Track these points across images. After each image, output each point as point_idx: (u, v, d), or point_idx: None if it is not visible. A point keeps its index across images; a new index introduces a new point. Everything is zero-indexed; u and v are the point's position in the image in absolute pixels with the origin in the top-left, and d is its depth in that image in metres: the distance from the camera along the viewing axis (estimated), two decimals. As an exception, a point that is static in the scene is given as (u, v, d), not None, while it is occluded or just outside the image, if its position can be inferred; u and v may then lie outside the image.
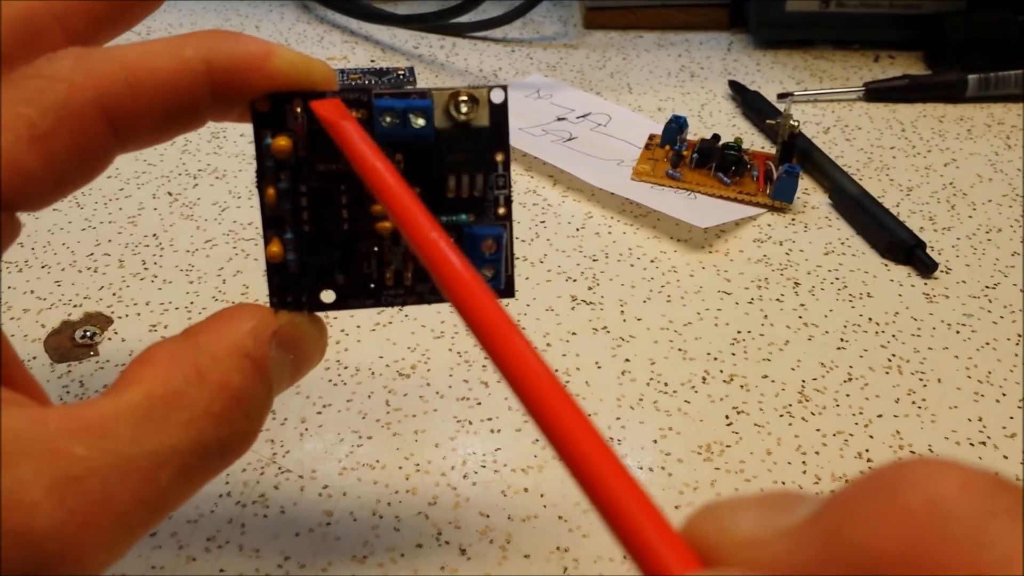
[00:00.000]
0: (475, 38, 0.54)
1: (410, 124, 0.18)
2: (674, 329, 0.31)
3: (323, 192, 0.18)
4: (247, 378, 0.16)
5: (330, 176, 0.18)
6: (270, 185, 0.18)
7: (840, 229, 0.37)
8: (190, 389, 0.15)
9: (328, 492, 0.25)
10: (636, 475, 0.25)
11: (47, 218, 0.36)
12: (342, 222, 0.18)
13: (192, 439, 0.15)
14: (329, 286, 0.19)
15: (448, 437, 0.27)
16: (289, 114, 0.18)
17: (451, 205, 0.19)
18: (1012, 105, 0.46)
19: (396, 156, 0.18)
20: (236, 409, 0.16)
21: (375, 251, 0.19)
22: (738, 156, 0.38)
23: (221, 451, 0.16)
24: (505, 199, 0.19)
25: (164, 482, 0.15)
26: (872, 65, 0.51)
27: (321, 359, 0.19)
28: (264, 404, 0.17)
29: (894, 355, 0.30)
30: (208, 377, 0.16)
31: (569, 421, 0.13)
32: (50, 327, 0.31)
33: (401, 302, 0.19)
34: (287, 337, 0.18)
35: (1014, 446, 0.27)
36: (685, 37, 0.55)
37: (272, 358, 0.17)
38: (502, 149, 0.19)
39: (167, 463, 0.15)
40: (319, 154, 0.18)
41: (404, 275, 0.19)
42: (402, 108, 0.18)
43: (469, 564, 0.23)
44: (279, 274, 0.18)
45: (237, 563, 0.23)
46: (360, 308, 0.19)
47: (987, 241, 0.36)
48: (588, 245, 0.35)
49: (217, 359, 0.16)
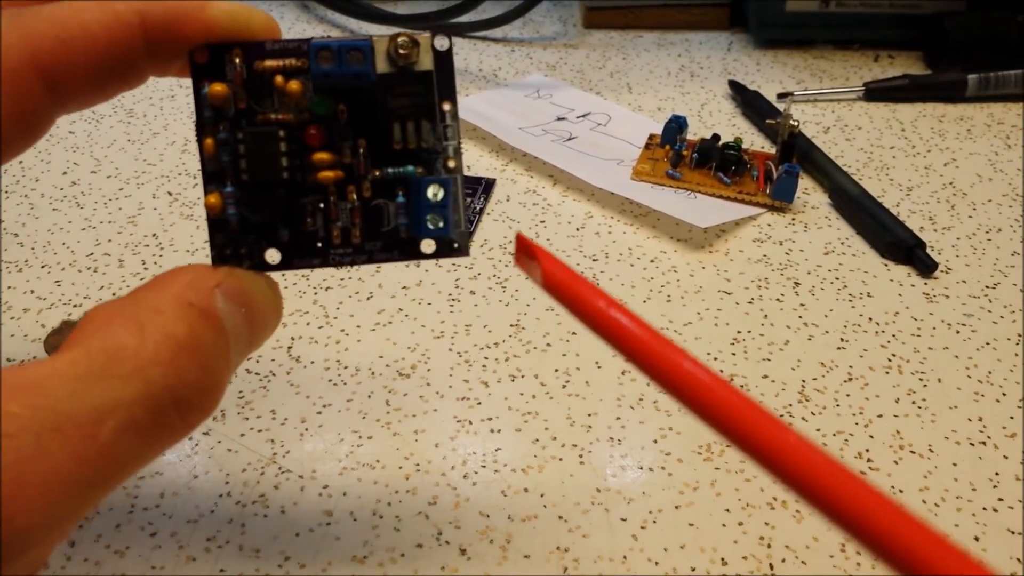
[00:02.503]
0: (475, 38, 0.54)
1: (347, 63, 0.17)
2: (674, 329, 0.31)
3: (259, 139, 0.18)
4: (194, 327, 0.16)
5: (268, 125, 0.18)
6: (208, 136, 0.18)
7: (840, 229, 0.37)
8: (131, 340, 0.15)
9: (328, 492, 0.25)
10: (647, 476, 0.25)
11: (47, 218, 0.36)
12: (281, 171, 0.18)
13: (137, 390, 0.15)
14: (274, 245, 0.18)
15: (448, 437, 0.27)
16: (228, 64, 0.18)
17: (398, 157, 0.18)
18: (1012, 105, 0.46)
19: (339, 106, 0.18)
20: (185, 358, 0.15)
21: (320, 207, 0.18)
22: (738, 156, 0.38)
23: (176, 404, 0.15)
24: (454, 150, 0.18)
25: (106, 437, 0.14)
26: (872, 65, 0.51)
27: (279, 318, 0.18)
28: (220, 355, 0.16)
29: (894, 355, 0.30)
30: (149, 328, 0.15)
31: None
32: (50, 327, 0.30)
33: (350, 261, 0.18)
34: (233, 289, 0.17)
35: (1014, 446, 0.27)
36: (685, 37, 0.55)
37: (221, 309, 0.16)
38: (449, 98, 0.18)
39: (109, 417, 0.14)
40: (260, 104, 0.18)
41: (352, 232, 0.18)
42: (338, 47, 0.17)
43: (469, 564, 0.23)
44: (221, 230, 0.18)
45: (237, 563, 0.23)
46: (307, 268, 0.18)
47: (987, 241, 0.36)
48: (588, 245, 0.35)
49: (158, 310, 0.16)
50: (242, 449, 0.26)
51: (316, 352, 0.30)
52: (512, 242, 0.35)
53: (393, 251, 0.18)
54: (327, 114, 0.18)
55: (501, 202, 0.38)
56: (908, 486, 0.25)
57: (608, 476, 0.25)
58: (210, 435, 0.27)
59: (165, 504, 0.25)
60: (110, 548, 0.23)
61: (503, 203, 0.38)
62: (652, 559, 0.23)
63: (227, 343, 0.16)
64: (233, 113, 0.18)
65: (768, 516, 0.24)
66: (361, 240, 0.18)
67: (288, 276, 0.33)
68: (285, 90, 0.18)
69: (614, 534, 0.24)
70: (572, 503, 0.25)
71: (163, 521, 0.24)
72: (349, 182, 0.18)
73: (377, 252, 0.18)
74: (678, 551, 0.23)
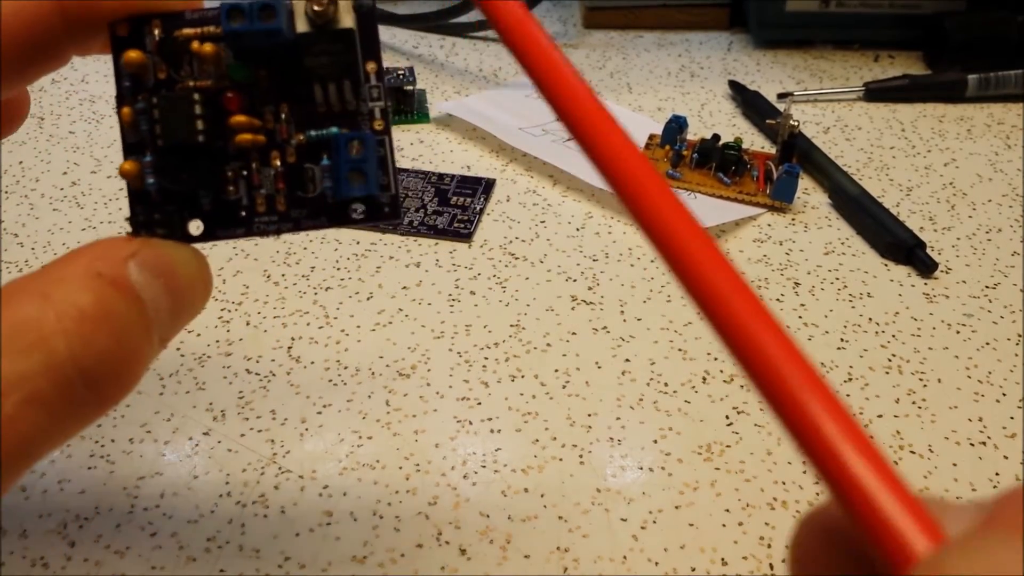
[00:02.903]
0: (475, 38, 0.54)
1: (259, 20, 0.17)
2: (674, 329, 0.31)
3: (173, 102, 0.17)
4: (102, 296, 0.15)
5: (183, 89, 0.17)
6: (126, 105, 0.17)
7: (840, 229, 0.37)
8: (33, 311, 0.14)
9: (328, 492, 0.25)
10: (647, 476, 0.25)
11: (47, 218, 0.36)
12: (196, 134, 0.17)
13: (39, 362, 0.14)
14: (196, 216, 0.18)
15: (448, 437, 0.27)
16: (148, 36, 0.17)
17: (322, 120, 0.18)
18: (1012, 105, 0.46)
19: (260, 72, 0.18)
20: (92, 327, 0.15)
21: (243, 174, 0.18)
22: (738, 156, 0.38)
23: (84, 375, 0.14)
24: (381, 112, 0.18)
25: (10, 411, 0.13)
26: (872, 65, 0.51)
27: (208, 289, 0.18)
28: (135, 325, 0.15)
29: (894, 355, 0.30)
30: (53, 297, 0.15)
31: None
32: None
33: (275, 229, 0.18)
34: (151, 259, 0.16)
35: (1014, 446, 0.27)
36: (685, 37, 0.55)
37: (136, 280, 0.16)
38: (373, 58, 0.18)
39: (11, 391, 0.14)
40: (180, 73, 0.17)
41: (277, 199, 0.18)
42: (249, 5, 0.17)
43: (469, 564, 0.23)
44: (140, 201, 0.17)
45: (237, 563, 0.23)
46: (232, 238, 0.18)
47: (987, 241, 0.36)
48: (588, 245, 0.35)
49: (63, 280, 0.15)
50: (242, 449, 0.26)
51: (316, 352, 0.30)
52: (511, 242, 0.35)
53: (320, 217, 0.18)
54: (246, 80, 0.18)
55: (501, 202, 0.38)
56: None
57: (608, 476, 0.25)
58: (210, 435, 0.27)
59: (165, 504, 0.25)
60: (110, 548, 0.23)
61: (503, 203, 0.38)
62: (652, 559, 0.23)
63: (144, 314, 0.16)
64: (153, 83, 0.18)
65: (768, 516, 0.24)
66: (287, 207, 0.18)
67: (287, 276, 0.33)
68: (200, 54, 0.17)
69: (614, 534, 0.24)
70: (572, 503, 0.25)
71: (163, 521, 0.24)
72: (272, 148, 0.18)
73: (304, 219, 0.18)
74: (678, 551, 0.23)
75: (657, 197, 0.13)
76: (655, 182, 0.13)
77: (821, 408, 0.11)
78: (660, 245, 0.12)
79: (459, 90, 0.48)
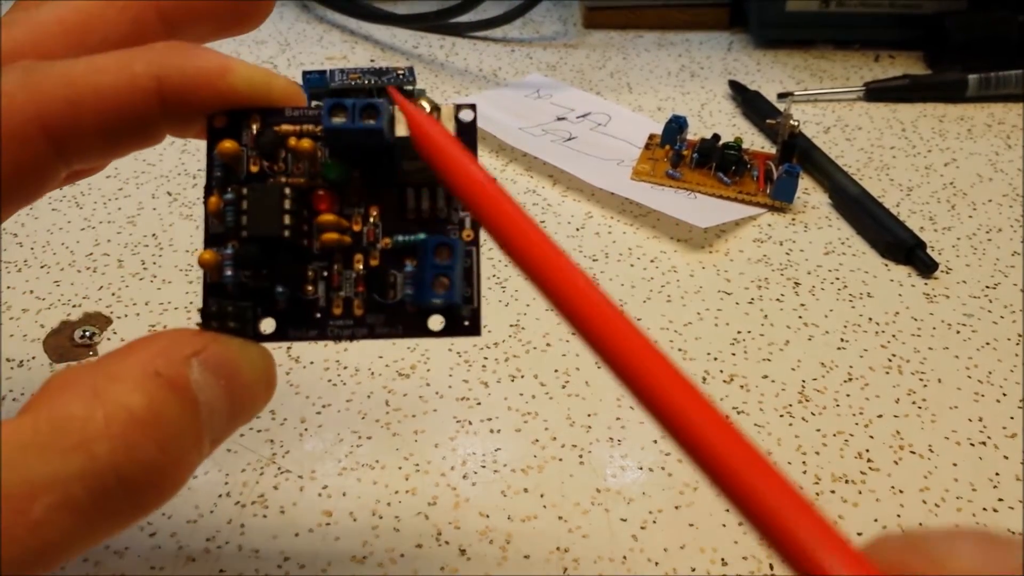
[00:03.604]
0: (475, 38, 0.54)
1: (359, 119, 0.16)
2: (674, 329, 0.31)
3: (263, 192, 0.17)
4: (155, 399, 0.14)
5: (275, 183, 0.17)
6: (215, 194, 0.17)
7: (840, 229, 0.37)
8: (81, 411, 0.14)
9: (328, 492, 0.25)
10: (647, 476, 0.25)
11: (46, 218, 0.36)
12: (282, 228, 0.17)
13: (78, 466, 0.13)
14: (269, 313, 0.17)
15: (448, 437, 0.27)
16: (246, 130, 0.17)
17: (410, 226, 0.17)
18: (1012, 105, 0.46)
19: (353, 173, 0.17)
20: (139, 433, 0.14)
21: (324, 275, 0.17)
22: (738, 156, 0.38)
23: (123, 484, 0.14)
24: (472, 222, 0.17)
25: (39, 514, 0.13)
26: (872, 65, 0.51)
27: (270, 393, 0.17)
28: (185, 431, 0.15)
29: (894, 355, 0.30)
30: (104, 397, 0.14)
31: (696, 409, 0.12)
32: (49, 327, 0.30)
33: (349, 335, 0.17)
34: (215, 358, 0.15)
35: (1014, 446, 0.27)
36: (685, 37, 0.55)
37: (196, 380, 0.15)
38: None
39: (44, 493, 0.13)
40: (271, 169, 0.17)
41: (354, 303, 0.17)
42: (352, 103, 0.16)
43: (469, 564, 0.23)
44: (214, 294, 0.17)
45: (236, 563, 0.23)
46: (302, 340, 0.17)
47: (987, 241, 0.36)
48: (588, 245, 0.35)
49: (116, 378, 0.14)
50: (241, 449, 0.26)
51: (315, 352, 0.30)
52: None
53: (397, 326, 0.17)
54: (339, 179, 0.17)
55: (501, 202, 0.38)
56: (908, 486, 0.25)
57: (608, 476, 0.25)
58: (209, 435, 0.27)
59: (164, 504, 0.24)
60: (109, 548, 0.23)
61: (503, 203, 0.38)
62: (652, 559, 0.23)
63: (197, 419, 0.15)
64: (245, 176, 0.17)
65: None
66: (364, 312, 0.17)
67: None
68: (297, 150, 0.17)
69: (614, 534, 0.24)
70: (572, 503, 0.25)
71: (162, 521, 0.24)
72: (356, 251, 0.17)
73: (379, 327, 0.17)
74: (678, 551, 0.23)
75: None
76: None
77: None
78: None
79: (459, 90, 0.48)
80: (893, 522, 0.24)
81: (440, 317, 0.17)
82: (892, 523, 0.24)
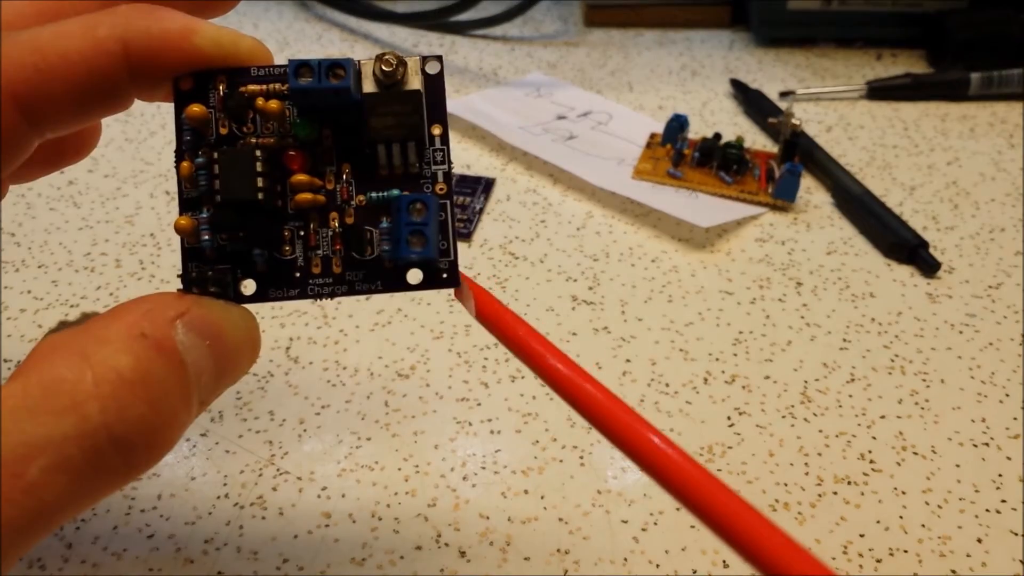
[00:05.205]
0: (475, 36, 0.54)
1: (325, 79, 0.16)
2: (675, 329, 0.31)
3: (233, 157, 0.17)
4: (143, 359, 0.14)
5: (245, 145, 0.17)
6: (186, 159, 0.17)
7: (842, 228, 0.36)
8: (70, 373, 0.14)
9: (327, 494, 0.25)
10: (648, 477, 0.25)
11: (44, 218, 0.36)
12: (255, 191, 0.17)
13: (71, 427, 0.13)
14: (249, 275, 0.17)
15: (448, 438, 0.26)
16: (212, 91, 0.17)
17: (384, 182, 0.18)
18: (1015, 103, 0.46)
19: (324, 131, 0.17)
20: (129, 393, 0.14)
21: (300, 234, 0.17)
22: (740, 155, 0.38)
23: (115, 443, 0.14)
24: (444, 175, 0.17)
25: (34, 476, 0.13)
26: (874, 63, 0.51)
27: (255, 353, 0.17)
28: (174, 391, 0.15)
29: (897, 355, 0.30)
30: (92, 360, 0.14)
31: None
32: (47, 327, 0.30)
33: (329, 292, 0.17)
34: (199, 320, 0.16)
35: (1017, 447, 0.26)
36: (686, 35, 0.54)
37: (181, 341, 0.15)
38: (439, 121, 0.18)
39: (38, 454, 0.13)
40: (243, 129, 0.17)
41: (333, 261, 0.17)
42: (319, 63, 0.16)
43: (469, 566, 0.23)
44: (193, 258, 0.17)
45: (235, 565, 0.23)
46: (283, 299, 0.17)
47: (990, 241, 0.36)
48: (589, 245, 0.35)
49: (103, 341, 0.14)
50: (240, 450, 0.26)
51: (315, 353, 0.30)
52: (511, 242, 0.35)
53: (376, 281, 0.18)
54: (310, 138, 0.17)
55: (501, 202, 0.38)
56: (911, 487, 0.25)
57: (609, 478, 0.25)
58: (208, 436, 0.26)
59: (163, 506, 0.24)
60: (107, 550, 0.23)
61: (503, 203, 0.38)
62: (653, 561, 0.23)
63: (185, 378, 0.15)
64: (214, 139, 0.17)
65: (769, 518, 0.24)
66: (342, 270, 0.17)
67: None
68: (265, 110, 0.17)
69: (615, 536, 0.24)
70: (572, 505, 0.24)
71: (161, 523, 0.24)
72: (331, 209, 0.17)
73: (359, 282, 0.17)
74: (679, 553, 0.23)
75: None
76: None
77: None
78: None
79: (459, 89, 0.47)
80: (895, 523, 0.24)
81: (419, 271, 0.17)
82: (895, 524, 0.24)
